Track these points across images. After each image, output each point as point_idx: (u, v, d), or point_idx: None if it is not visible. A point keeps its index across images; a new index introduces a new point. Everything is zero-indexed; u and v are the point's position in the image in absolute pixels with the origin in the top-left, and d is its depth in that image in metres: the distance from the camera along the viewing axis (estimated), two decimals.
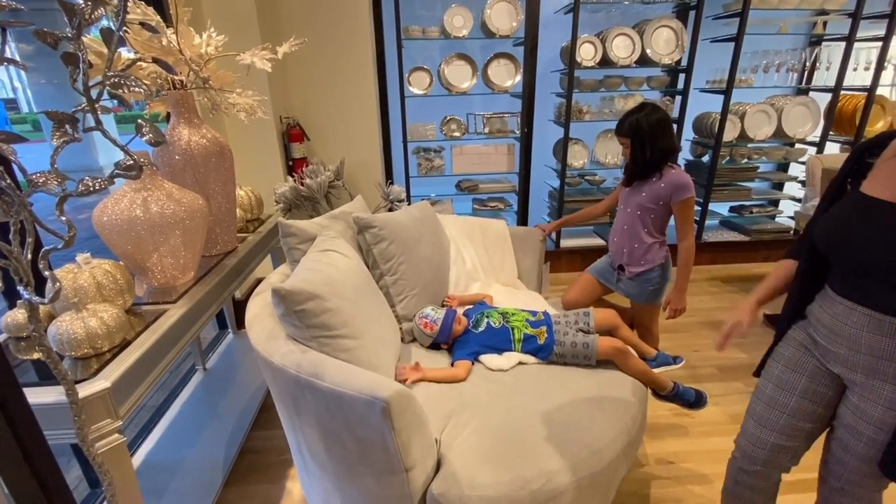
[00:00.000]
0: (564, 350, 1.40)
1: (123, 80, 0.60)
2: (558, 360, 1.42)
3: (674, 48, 2.76)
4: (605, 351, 1.38)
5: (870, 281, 0.83)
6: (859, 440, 0.90)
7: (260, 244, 1.75)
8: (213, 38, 1.36)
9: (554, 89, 3.04)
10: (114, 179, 0.60)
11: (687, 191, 1.53)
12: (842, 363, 0.91)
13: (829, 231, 0.89)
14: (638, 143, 1.54)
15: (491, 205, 3.06)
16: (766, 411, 1.05)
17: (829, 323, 0.90)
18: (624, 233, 1.68)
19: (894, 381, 0.84)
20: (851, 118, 3.00)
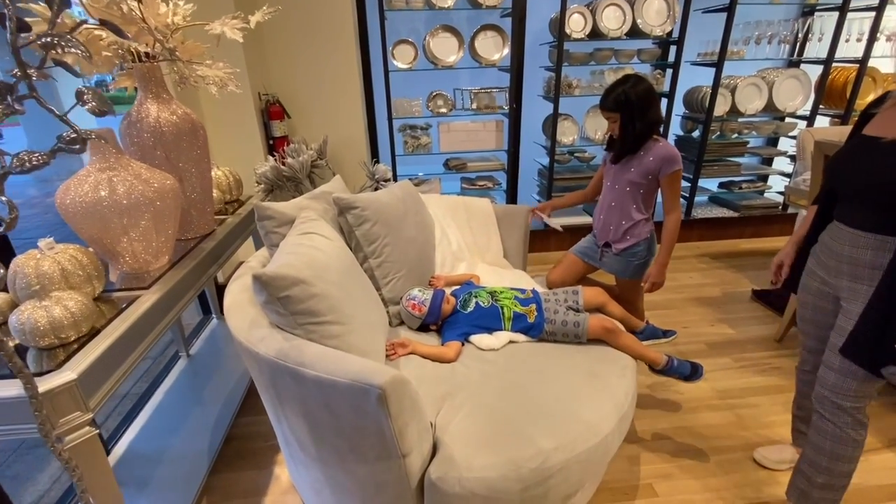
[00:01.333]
0: (555, 328, 1.38)
1: (58, 40, 0.53)
2: (549, 339, 1.40)
3: (665, 19, 2.68)
4: (596, 331, 1.36)
5: (856, 204, 1.03)
6: (843, 336, 1.05)
7: (240, 226, 1.68)
8: (181, 6, 1.27)
9: (543, 63, 2.95)
10: (55, 154, 0.54)
11: (675, 163, 1.50)
12: (833, 274, 1.09)
13: (832, 165, 1.09)
14: (627, 117, 1.49)
15: (480, 184, 3.01)
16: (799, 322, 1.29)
17: (828, 242, 1.11)
18: (612, 210, 1.64)
19: (870, 282, 1.01)
20: (842, 91, 2.98)
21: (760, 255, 3.02)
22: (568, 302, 1.48)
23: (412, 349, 1.30)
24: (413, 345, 1.31)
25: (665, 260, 1.59)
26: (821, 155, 1.66)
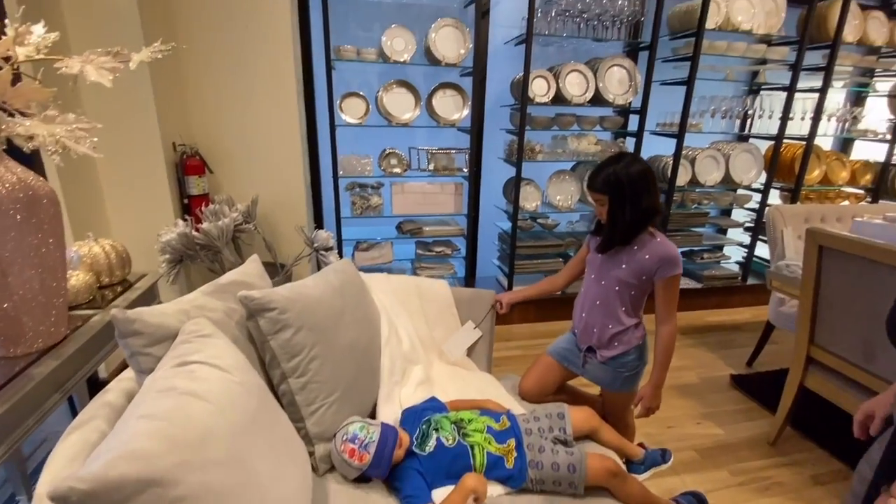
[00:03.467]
0: (543, 475, 1.04)
1: None
2: (534, 488, 1.05)
3: (627, 88, 2.62)
4: (597, 476, 1.03)
5: None
6: None
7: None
8: (35, 35, 0.90)
9: (504, 125, 2.80)
10: None
11: (676, 266, 1.24)
12: None
13: None
14: (617, 202, 1.24)
15: (437, 250, 2.71)
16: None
17: None
18: (596, 309, 1.36)
19: None
20: (791, 166, 3.04)
21: (727, 330, 2.89)
22: (553, 431, 1.15)
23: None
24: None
25: (660, 380, 1.31)
26: (815, 244, 1.50)
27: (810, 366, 1.67)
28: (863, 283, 1.42)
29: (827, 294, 1.55)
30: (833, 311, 1.54)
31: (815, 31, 2.72)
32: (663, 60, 2.78)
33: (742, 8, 2.61)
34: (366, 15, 2.54)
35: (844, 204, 3.11)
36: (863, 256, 1.39)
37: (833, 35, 2.68)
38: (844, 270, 1.47)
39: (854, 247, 1.42)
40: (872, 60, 2.97)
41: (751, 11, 2.62)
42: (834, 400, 1.60)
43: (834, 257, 1.49)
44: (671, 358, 1.31)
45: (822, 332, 1.60)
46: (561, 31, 2.49)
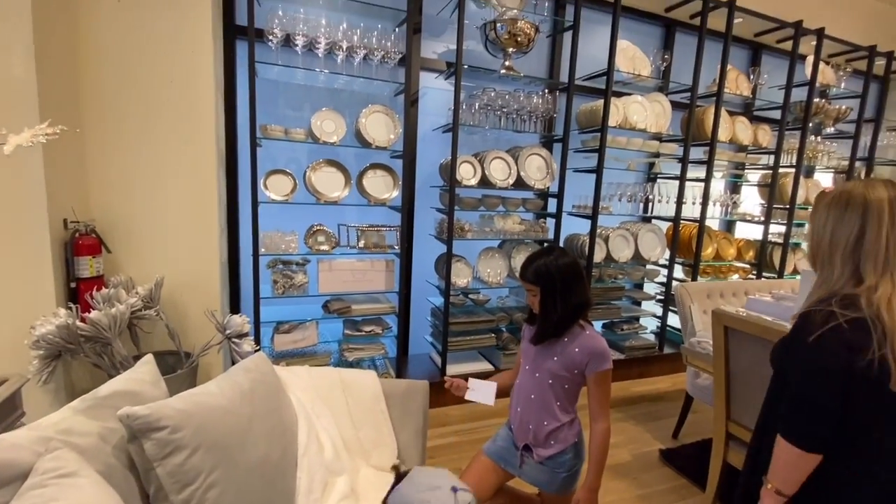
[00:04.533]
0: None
1: None
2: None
3: (545, 174, 2.84)
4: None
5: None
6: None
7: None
8: None
9: (434, 204, 2.87)
10: None
11: (605, 360, 1.25)
12: None
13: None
14: (548, 294, 1.26)
15: (366, 329, 2.58)
16: None
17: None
18: (531, 404, 1.33)
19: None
20: (689, 244, 3.40)
21: (651, 400, 2.99)
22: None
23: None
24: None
25: (596, 484, 1.26)
26: (720, 325, 1.63)
27: (730, 441, 1.73)
28: (764, 358, 1.54)
29: (737, 371, 1.66)
30: (744, 387, 1.65)
31: (697, 131, 3.21)
32: (575, 151, 3.08)
33: (637, 110, 3.02)
34: (296, 97, 2.58)
35: (735, 278, 3.50)
36: (760, 336, 1.52)
37: (710, 135, 3.17)
38: (748, 348, 1.59)
39: (751, 327, 1.55)
40: (742, 156, 3.53)
41: (644, 113, 3.03)
42: None
43: (737, 337, 1.61)
44: (606, 458, 1.28)
45: (737, 408, 1.68)
46: (484, 123, 2.69)
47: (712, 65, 3.18)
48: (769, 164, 3.53)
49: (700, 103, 3.17)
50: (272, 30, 2.18)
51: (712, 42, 3.12)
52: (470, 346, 2.82)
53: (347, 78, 2.53)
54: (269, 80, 2.49)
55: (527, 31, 2.57)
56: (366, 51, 2.34)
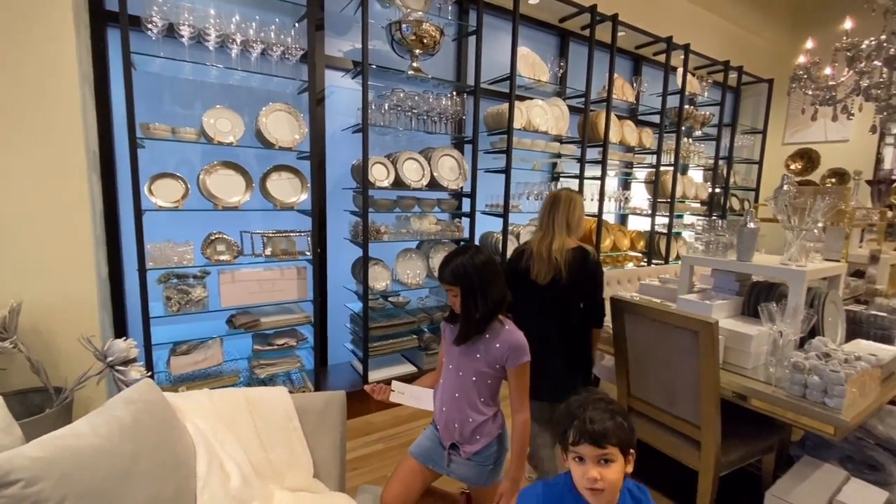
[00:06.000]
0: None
1: None
2: None
3: (458, 175, 2.90)
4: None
5: None
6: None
7: None
8: None
9: (347, 206, 2.79)
10: None
11: (525, 353, 1.29)
12: None
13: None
14: (468, 293, 1.27)
15: (279, 342, 2.42)
16: None
17: None
18: (455, 403, 1.34)
19: None
20: (590, 237, 3.68)
21: None
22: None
23: None
24: None
25: (520, 473, 1.30)
26: (618, 309, 1.78)
27: (631, 415, 1.90)
28: (655, 338, 1.72)
29: (634, 350, 1.82)
30: (640, 364, 1.82)
31: (591, 133, 3.49)
32: (485, 152, 3.19)
33: (538, 113, 3.20)
34: (185, 93, 2.34)
35: (629, 266, 3.87)
36: (651, 317, 1.69)
37: (603, 137, 3.46)
38: (642, 330, 1.76)
39: (644, 310, 1.72)
40: (630, 156, 3.92)
41: (545, 116, 3.23)
42: (653, 443, 1.83)
43: (632, 320, 1.78)
44: (527, 448, 1.32)
45: (636, 384, 1.85)
46: (395, 123, 2.67)
47: (602, 73, 3.48)
48: (652, 163, 3.96)
49: (593, 108, 3.45)
50: (151, 18, 1.95)
51: (601, 52, 3.42)
52: (392, 350, 2.78)
53: (244, 74, 2.35)
54: (152, 73, 2.24)
55: (432, 34, 2.60)
56: (263, 45, 2.19)
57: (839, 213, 2.07)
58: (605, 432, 0.87)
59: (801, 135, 4.93)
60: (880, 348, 1.76)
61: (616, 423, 0.89)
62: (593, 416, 0.89)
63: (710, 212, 4.50)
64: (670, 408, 1.72)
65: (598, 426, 0.88)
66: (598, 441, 0.88)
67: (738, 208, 4.99)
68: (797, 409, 1.45)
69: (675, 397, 1.69)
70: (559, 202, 1.84)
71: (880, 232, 2.58)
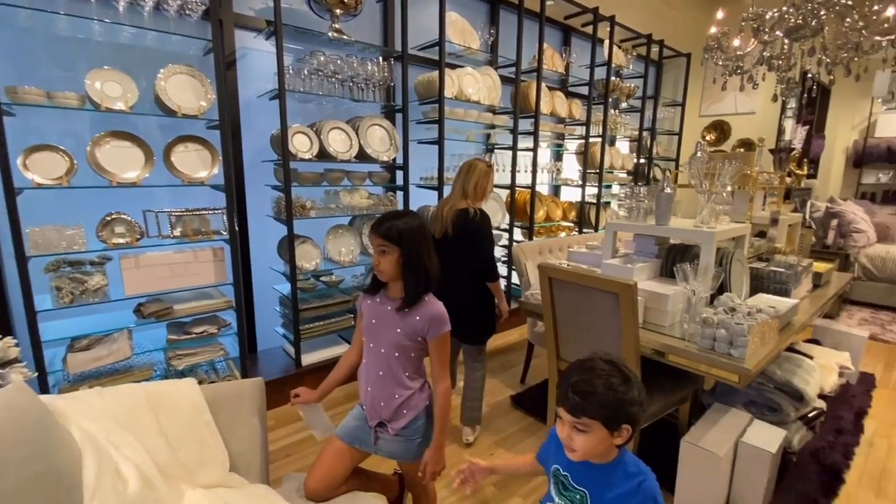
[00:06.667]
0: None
1: None
2: None
3: (389, 146, 2.79)
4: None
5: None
6: None
7: None
8: None
9: (269, 181, 2.59)
10: None
11: (445, 324, 1.24)
12: None
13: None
14: (415, 257, 1.20)
15: (197, 330, 2.23)
16: None
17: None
18: (379, 381, 1.28)
19: None
20: (524, 208, 3.74)
21: (504, 353, 3.27)
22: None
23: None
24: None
25: (442, 441, 1.28)
26: (546, 277, 1.80)
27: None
28: (581, 302, 1.77)
29: (561, 315, 1.87)
30: (567, 328, 1.87)
31: (523, 104, 3.48)
32: (417, 122, 3.08)
33: (470, 82, 3.13)
34: (64, 53, 2.02)
35: (563, 235, 3.98)
36: (576, 283, 1.73)
37: (534, 108, 3.47)
38: (568, 295, 1.80)
39: (569, 275, 1.75)
40: (562, 128, 3.98)
41: (477, 86, 3.17)
42: None
43: (559, 286, 1.81)
44: (449, 416, 1.30)
45: (565, 347, 1.91)
46: (317, 90, 2.49)
47: (532, 42, 3.46)
48: (582, 134, 4.05)
49: (524, 78, 3.44)
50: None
51: (531, 21, 3.39)
52: (327, 331, 2.68)
53: (136, 31, 2.07)
54: (19, 28, 1.90)
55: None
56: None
57: (745, 177, 2.23)
58: (580, 404, 0.84)
59: (714, 107, 5.26)
60: (778, 301, 1.93)
61: (602, 396, 0.84)
62: (578, 384, 0.85)
63: (635, 181, 4.72)
64: None
65: (576, 398, 0.85)
66: (573, 411, 0.86)
67: (661, 178, 5.29)
68: (708, 362, 1.56)
69: None
70: (462, 169, 2.10)
71: (780, 195, 2.82)
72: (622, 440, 0.88)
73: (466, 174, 2.08)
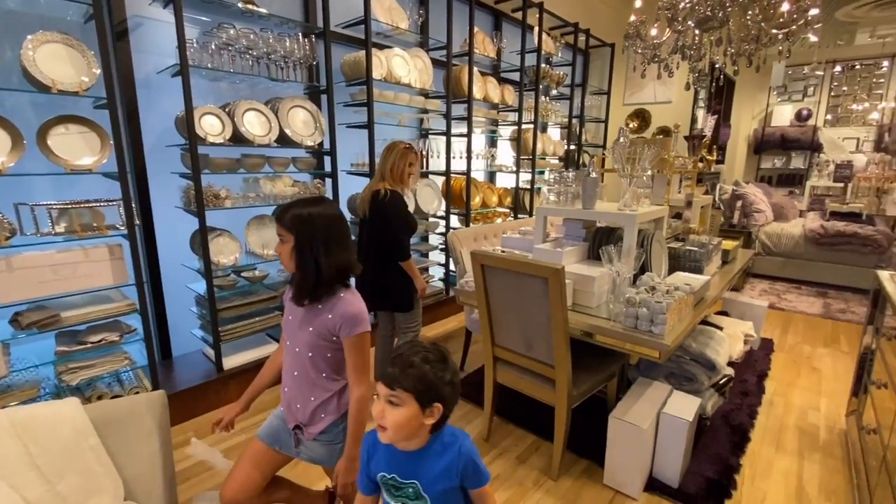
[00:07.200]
0: None
1: None
2: None
3: (314, 130, 2.61)
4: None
5: None
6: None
7: None
8: None
9: (177, 168, 2.33)
10: None
11: (359, 323, 1.12)
12: None
13: None
14: (305, 246, 1.10)
15: (94, 339, 1.97)
16: None
17: None
18: (294, 382, 1.19)
19: None
20: (460, 195, 3.71)
21: (443, 340, 3.25)
22: None
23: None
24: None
25: (354, 452, 1.15)
26: (478, 264, 1.77)
27: (497, 363, 1.97)
28: (512, 288, 1.76)
29: (494, 301, 1.85)
30: (501, 314, 1.86)
31: (456, 89, 3.43)
32: (344, 105, 2.92)
33: (399, 64, 3.01)
34: None
35: (498, 221, 4.02)
36: (507, 269, 1.72)
37: (467, 93, 3.43)
38: (500, 281, 1.79)
39: (500, 262, 1.74)
40: (495, 113, 3.98)
41: (407, 68, 3.05)
42: (515, 387, 1.93)
43: (491, 272, 1.79)
44: (364, 425, 1.18)
45: (499, 334, 1.90)
46: (229, 66, 2.26)
47: (463, 26, 3.39)
48: (515, 120, 4.08)
49: (456, 62, 3.38)
50: None
51: (461, 4, 3.32)
52: (252, 331, 2.48)
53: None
54: None
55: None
56: None
57: (662, 161, 2.34)
58: (396, 375, 0.87)
59: (637, 96, 5.54)
60: (693, 278, 2.06)
61: (419, 371, 0.87)
62: (397, 358, 0.89)
63: (566, 167, 4.87)
64: (528, 352, 1.80)
65: (394, 369, 0.88)
66: (389, 382, 0.87)
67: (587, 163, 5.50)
68: (632, 340, 1.61)
69: (531, 342, 1.77)
70: (383, 152, 2.17)
71: (693, 179, 3.01)
72: (433, 419, 0.89)
73: (384, 156, 2.14)
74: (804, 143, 6.80)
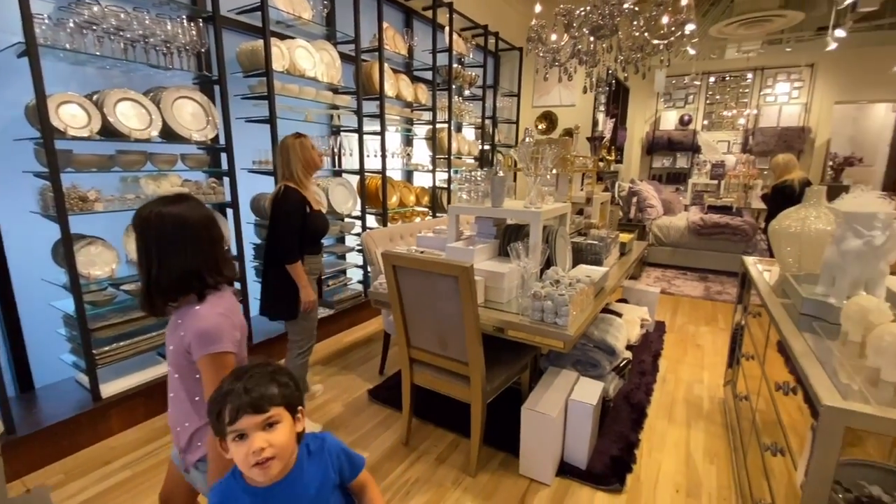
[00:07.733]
0: None
1: None
2: None
3: (205, 124, 2.37)
4: None
5: None
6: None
7: None
8: None
9: (30, 166, 1.97)
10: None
11: (212, 342, 0.96)
12: None
13: None
14: (142, 251, 0.98)
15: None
16: None
17: None
18: (172, 403, 1.06)
19: None
20: (376, 194, 3.62)
21: (362, 345, 3.15)
22: None
23: None
24: None
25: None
26: (390, 265, 1.72)
27: (414, 364, 1.93)
28: (425, 287, 1.73)
29: (408, 302, 1.82)
30: (415, 315, 1.83)
31: (367, 85, 3.33)
32: (242, 97, 2.70)
33: (303, 56, 2.85)
34: None
35: (417, 220, 3.99)
36: (418, 269, 1.69)
37: (379, 90, 3.35)
38: (412, 281, 1.75)
39: (411, 262, 1.70)
40: (409, 112, 3.94)
41: (312, 60, 2.90)
42: (432, 387, 1.91)
43: (403, 273, 1.75)
44: (221, 468, 0.95)
45: (414, 335, 1.87)
46: (95, 49, 1.96)
47: (373, 20, 3.30)
48: (430, 119, 4.08)
49: (366, 58, 3.28)
50: None
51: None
52: (137, 351, 2.19)
53: None
54: None
55: None
56: None
57: (564, 160, 2.46)
58: (266, 395, 0.79)
59: (544, 99, 5.84)
60: (594, 270, 2.19)
61: (279, 383, 0.82)
62: (248, 385, 0.79)
63: (481, 166, 4.98)
64: (443, 351, 1.79)
65: (257, 391, 0.79)
66: (260, 406, 0.78)
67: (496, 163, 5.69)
68: (540, 332, 1.67)
69: (446, 341, 1.76)
70: (279, 153, 2.09)
71: (594, 178, 3.23)
72: (302, 424, 0.85)
73: (283, 157, 2.07)
74: (686, 144, 7.66)
